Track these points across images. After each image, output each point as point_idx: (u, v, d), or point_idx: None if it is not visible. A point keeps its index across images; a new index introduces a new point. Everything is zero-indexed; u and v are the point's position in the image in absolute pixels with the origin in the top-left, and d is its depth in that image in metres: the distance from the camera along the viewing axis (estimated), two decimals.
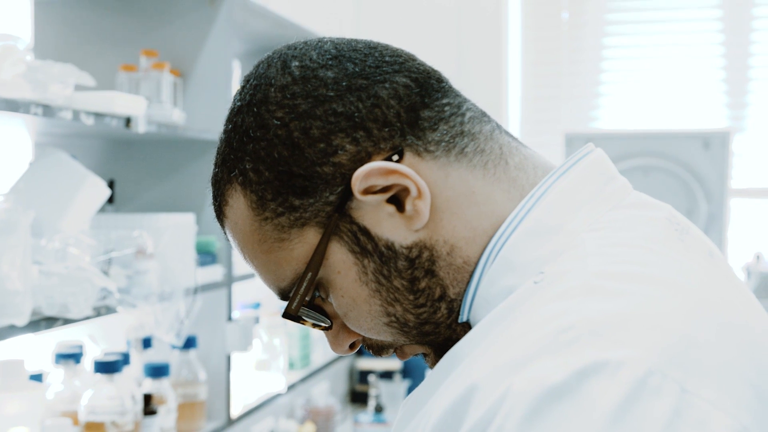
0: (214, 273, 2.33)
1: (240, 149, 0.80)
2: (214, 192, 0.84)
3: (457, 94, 0.83)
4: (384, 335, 0.82)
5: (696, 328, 0.66)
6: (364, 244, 0.78)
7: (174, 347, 2.30)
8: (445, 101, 0.80)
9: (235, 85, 2.44)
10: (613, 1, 4.12)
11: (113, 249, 1.90)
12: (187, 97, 2.37)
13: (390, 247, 0.78)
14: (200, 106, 2.36)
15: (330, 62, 0.79)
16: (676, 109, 4.04)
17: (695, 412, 0.62)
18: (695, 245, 0.78)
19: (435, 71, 0.83)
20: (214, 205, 0.85)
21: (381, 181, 0.76)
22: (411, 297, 0.79)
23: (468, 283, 0.79)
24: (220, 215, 0.84)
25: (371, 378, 3.43)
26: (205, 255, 2.31)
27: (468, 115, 0.81)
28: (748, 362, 0.67)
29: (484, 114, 0.83)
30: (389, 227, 0.78)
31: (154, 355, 2.28)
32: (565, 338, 0.65)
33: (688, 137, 3.58)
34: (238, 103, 0.81)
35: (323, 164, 0.77)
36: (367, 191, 0.77)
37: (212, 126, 2.34)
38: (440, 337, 0.82)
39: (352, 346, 0.86)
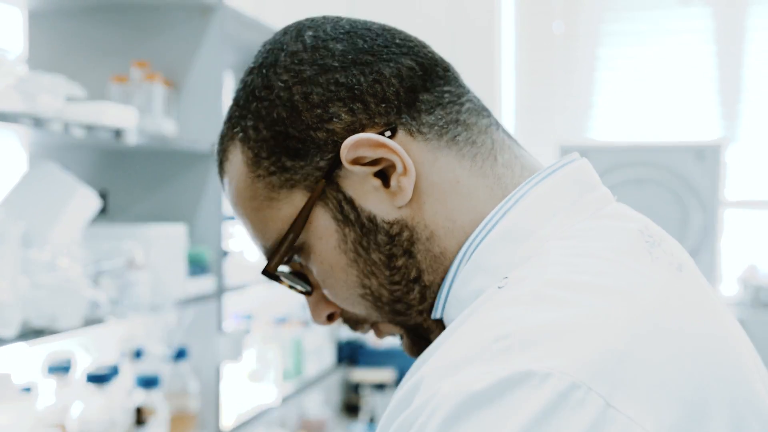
0: (206, 284, 2.33)
1: (245, 107, 0.83)
2: (218, 147, 0.87)
3: (460, 85, 0.84)
4: (358, 308, 0.84)
5: (635, 342, 0.66)
6: (348, 213, 0.80)
7: (165, 358, 2.29)
8: (446, 89, 0.82)
9: (228, 96, 2.44)
10: (607, 11, 4.13)
11: (104, 260, 1.90)
12: (178, 108, 2.37)
13: (372, 219, 0.80)
14: (192, 117, 2.36)
15: (341, 36, 0.82)
16: (669, 121, 4.05)
17: (615, 427, 0.62)
18: (664, 258, 0.77)
19: (444, 61, 0.85)
20: (217, 159, 0.88)
21: (369, 153, 0.78)
22: (387, 272, 0.81)
23: (443, 278, 0.80)
24: (221, 170, 0.87)
25: (364, 390, 3.43)
26: (197, 266, 2.30)
27: (467, 105, 0.83)
28: (690, 378, 0.66)
29: (484, 108, 0.85)
30: (373, 200, 0.80)
31: (145, 367, 2.27)
32: (499, 346, 0.66)
33: (682, 149, 3.59)
34: (252, 65, 0.85)
35: (318, 129, 0.80)
36: (356, 162, 0.79)
37: (204, 137, 2.34)
38: (411, 320, 0.84)
39: (331, 318, 0.88)
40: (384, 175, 0.80)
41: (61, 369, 1.94)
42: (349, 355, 3.67)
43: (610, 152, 3.66)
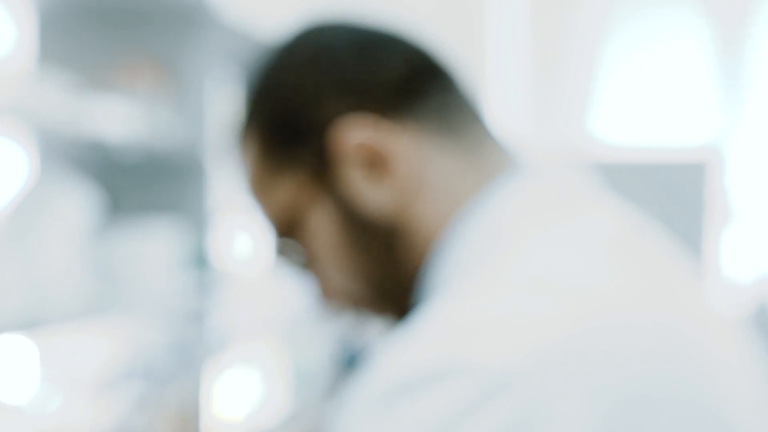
0: (203, 284, 2.32)
1: (255, 94, 0.88)
2: (230, 135, 0.92)
3: (458, 82, 0.86)
4: (348, 292, 0.88)
5: (572, 340, 0.66)
6: (339, 203, 0.84)
7: (163, 359, 2.28)
8: (446, 87, 0.85)
9: (224, 96, 2.45)
10: (609, 8, 4.13)
11: (101, 259, 1.91)
12: (175, 109, 2.37)
13: (362, 210, 0.83)
14: (190, 117, 2.37)
15: (342, 32, 0.86)
16: (669, 126, 4.05)
17: (538, 424, 0.63)
18: (639, 258, 0.77)
19: (443, 57, 0.87)
20: (233, 141, 0.92)
21: (363, 146, 0.81)
22: (373, 262, 0.85)
23: (419, 274, 0.83)
24: (234, 152, 0.91)
25: None
26: (192, 266, 2.30)
27: (464, 105, 0.85)
28: (630, 376, 0.66)
29: (479, 106, 0.86)
30: (365, 191, 0.82)
31: (141, 369, 2.26)
32: (435, 340, 0.69)
33: (682, 157, 3.59)
34: (258, 57, 0.89)
35: (314, 121, 0.83)
36: (349, 153, 0.82)
37: (200, 137, 2.35)
38: (396, 309, 0.86)
39: (327, 297, 0.90)
40: (377, 168, 0.82)
41: (58, 371, 1.94)
42: (350, 358, 3.66)
43: (608, 158, 3.66)
